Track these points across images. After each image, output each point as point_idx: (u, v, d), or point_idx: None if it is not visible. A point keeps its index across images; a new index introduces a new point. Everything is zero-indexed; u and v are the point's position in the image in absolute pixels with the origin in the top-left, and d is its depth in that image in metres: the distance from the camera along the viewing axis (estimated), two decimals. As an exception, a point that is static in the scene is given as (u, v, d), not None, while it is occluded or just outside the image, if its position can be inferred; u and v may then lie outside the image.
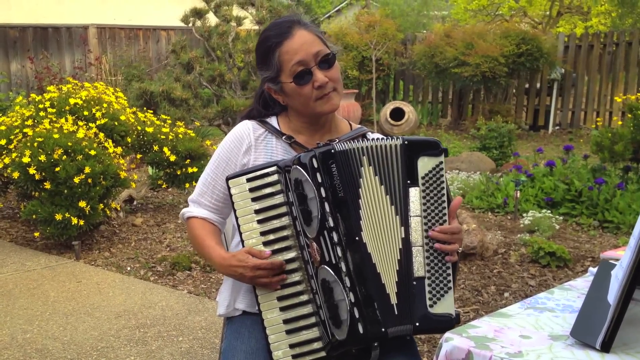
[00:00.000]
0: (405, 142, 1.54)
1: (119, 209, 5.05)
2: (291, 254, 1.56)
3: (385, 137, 1.58)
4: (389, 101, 11.06)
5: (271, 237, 1.57)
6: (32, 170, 4.15)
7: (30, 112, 4.81)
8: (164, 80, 8.60)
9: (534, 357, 1.11)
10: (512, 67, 9.93)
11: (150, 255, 4.42)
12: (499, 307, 3.27)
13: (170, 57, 9.97)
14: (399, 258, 1.51)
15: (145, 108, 6.83)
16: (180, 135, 5.35)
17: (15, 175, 4.23)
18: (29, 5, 12.04)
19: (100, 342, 3.12)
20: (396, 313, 1.49)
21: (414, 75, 11.62)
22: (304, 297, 1.55)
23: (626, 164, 5.64)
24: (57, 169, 4.15)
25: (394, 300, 1.49)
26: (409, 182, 1.54)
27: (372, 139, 1.57)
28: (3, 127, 4.68)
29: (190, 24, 8.47)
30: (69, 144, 4.26)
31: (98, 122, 4.81)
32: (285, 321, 1.54)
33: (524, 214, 4.99)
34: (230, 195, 1.59)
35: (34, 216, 4.26)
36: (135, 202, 5.60)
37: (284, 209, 1.56)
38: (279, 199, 1.57)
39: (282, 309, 1.55)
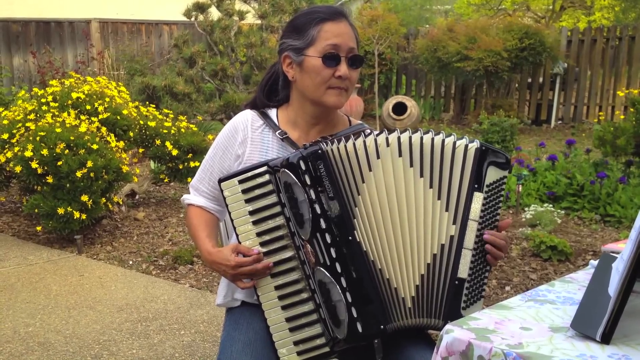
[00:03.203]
0: (483, 148, 1.53)
1: (121, 203, 5.05)
2: (288, 253, 1.56)
3: (439, 133, 1.54)
4: (392, 96, 11.04)
5: (267, 237, 1.57)
6: (34, 164, 4.15)
7: (33, 106, 4.81)
8: (166, 74, 8.62)
9: (535, 349, 1.11)
10: (515, 61, 9.90)
11: (152, 249, 4.43)
12: (500, 301, 3.26)
13: (173, 51, 9.98)
14: (435, 252, 1.51)
15: (147, 102, 6.85)
16: (182, 130, 5.35)
17: (18, 169, 4.24)
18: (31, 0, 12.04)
19: (102, 336, 3.13)
20: (409, 306, 1.50)
21: (417, 70, 11.59)
22: (304, 295, 1.55)
23: (628, 158, 5.63)
24: (60, 163, 4.16)
25: (406, 293, 1.50)
26: (475, 185, 1.53)
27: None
28: (5, 122, 4.68)
29: (193, 18, 8.49)
30: (72, 138, 4.26)
31: (100, 116, 4.82)
32: (288, 319, 1.55)
33: (526, 208, 4.99)
34: (224, 198, 1.59)
35: (36, 210, 4.27)
36: (137, 197, 5.61)
37: (277, 209, 1.56)
38: (272, 198, 1.56)
39: (284, 308, 1.55)
